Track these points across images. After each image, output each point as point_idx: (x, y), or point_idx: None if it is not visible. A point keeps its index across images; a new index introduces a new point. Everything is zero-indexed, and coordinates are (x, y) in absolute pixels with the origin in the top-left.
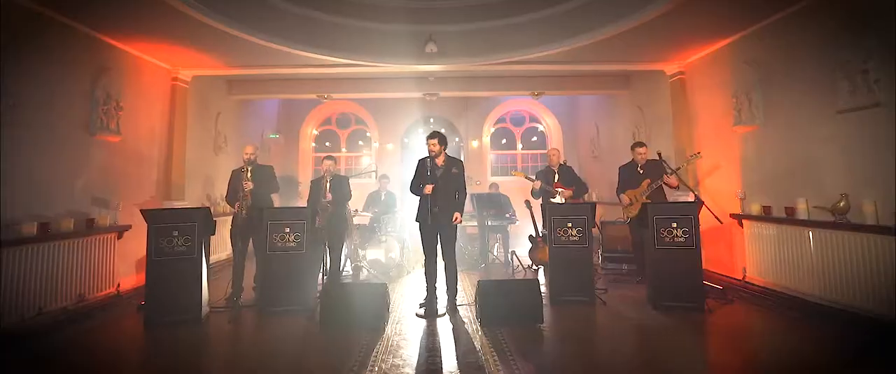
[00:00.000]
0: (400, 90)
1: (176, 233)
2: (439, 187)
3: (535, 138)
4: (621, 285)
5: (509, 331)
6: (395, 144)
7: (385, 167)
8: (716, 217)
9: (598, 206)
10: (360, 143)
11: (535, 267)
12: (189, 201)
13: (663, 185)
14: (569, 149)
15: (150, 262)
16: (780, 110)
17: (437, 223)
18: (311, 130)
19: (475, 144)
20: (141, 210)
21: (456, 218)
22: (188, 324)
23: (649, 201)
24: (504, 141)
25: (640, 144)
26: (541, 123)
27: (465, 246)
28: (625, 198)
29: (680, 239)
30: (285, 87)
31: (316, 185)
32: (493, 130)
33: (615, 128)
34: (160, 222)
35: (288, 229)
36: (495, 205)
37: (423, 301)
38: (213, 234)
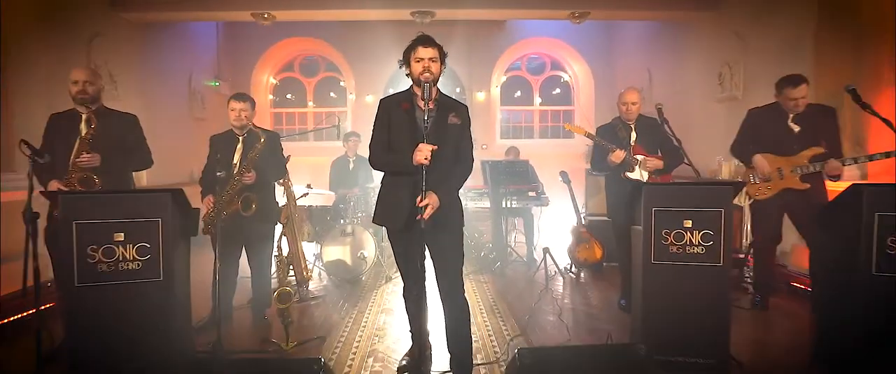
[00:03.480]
0: (378, 5)
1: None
2: (433, 152)
3: (557, 90)
4: (746, 315)
5: None
6: (376, 95)
7: (362, 126)
8: None
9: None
10: (332, 94)
11: (573, 271)
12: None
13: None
14: (603, 106)
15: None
16: None
17: (426, 226)
18: (267, 79)
19: (481, 96)
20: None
21: (433, 204)
22: None
23: (781, 181)
24: (518, 93)
25: (800, 80)
26: (566, 71)
27: (470, 236)
28: (761, 165)
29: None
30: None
31: (217, 148)
32: (504, 79)
33: (682, 72)
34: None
35: (121, 239)
36: (516, 178)
37: (407, 354)
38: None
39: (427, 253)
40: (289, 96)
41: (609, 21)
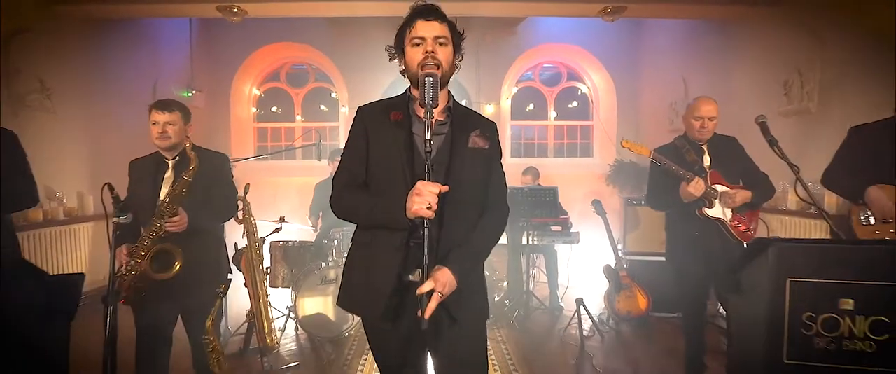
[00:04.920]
0: None
1: None
2: (444, 194)
3: (574, 103)
4: None
5: None
6: None
7: None
8: None
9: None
10: (323, 107)
11: (611, 325)
12: None
13: None
14: (626, 121)
15: None
16: None
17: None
18: (249, 89)
19: (490, 109)
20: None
21: (441, 289)
22: None
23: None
24: (531, 107)
25: None
26: (584, 82)
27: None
28: (880, 202)
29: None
30: None
31: (138, 177)
32: (515, 90)
33: (729, 80)
34: None
35: None
36: (542, 208)
37: None
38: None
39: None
40: (274, 109)
41: (634, 21)
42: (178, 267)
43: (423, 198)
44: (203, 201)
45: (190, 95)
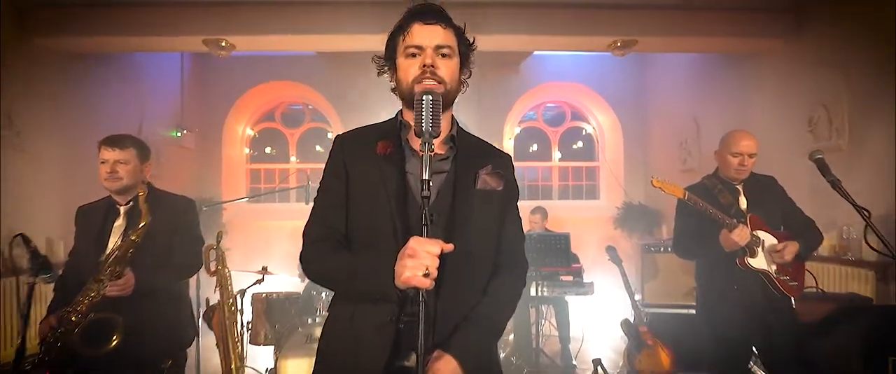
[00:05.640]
0: (369, 28)
1: None
2: (444, 256)
3: (579, 144)
4: None
5: None
6: None
7: None
8: None
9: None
10: (319, 148)
11: None
12: None
13: None
14: (634, 162)
15: None
16: None
17: None
18: (243, 129)
19: None
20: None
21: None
22: None
23: None
24: (534, 147)
25: None
26: (589, 122)
27: None
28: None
29: None
30: (140, 22)
31: (84, 227)
32: (518, 130)
33: (746, 119)
34: None
35: None
36: (553, 256)
37: None
38: None
39: None
40: (268, 150)
41: (639, 57)
42: (115, 342)
43: (419, 262)
44: (162, 255)
45: (179, 134)
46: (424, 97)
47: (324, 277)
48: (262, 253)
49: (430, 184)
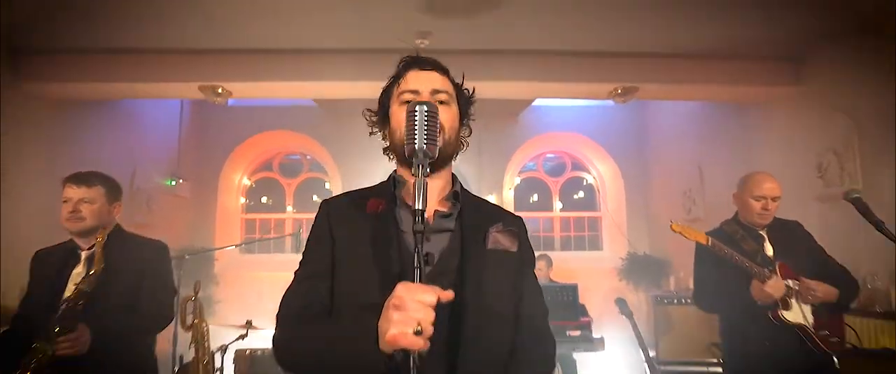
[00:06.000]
0: (367, 75)
1: None
2: (452, 317)
3: (580, 194)
4: None
5: None
6: None
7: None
8: None
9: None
10: (315, 198)
11: None
12: None
13: None
14: (636, 210)
15: None
16: None
17: None
18: (239, 179)
19: (492, 200)
20: None
21: None
22: None
23: None
24: (535, 198)
25: None
26: (590, 172)
27: None
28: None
29: None
30: (136, 68)
31: (40, 274)
32: (518, 180)
33: (753, 165)
34: None
35: None
36: (560, 310)
37: None
38: None
39: None
40: (264, 200)
41: (639, 105)
42: None
43: (407, 315)
44: (125, 306)
45: (173, 183)
46: (418, 107)
47: (295, 360)
48: (254, 306)
49: (430, 239)
